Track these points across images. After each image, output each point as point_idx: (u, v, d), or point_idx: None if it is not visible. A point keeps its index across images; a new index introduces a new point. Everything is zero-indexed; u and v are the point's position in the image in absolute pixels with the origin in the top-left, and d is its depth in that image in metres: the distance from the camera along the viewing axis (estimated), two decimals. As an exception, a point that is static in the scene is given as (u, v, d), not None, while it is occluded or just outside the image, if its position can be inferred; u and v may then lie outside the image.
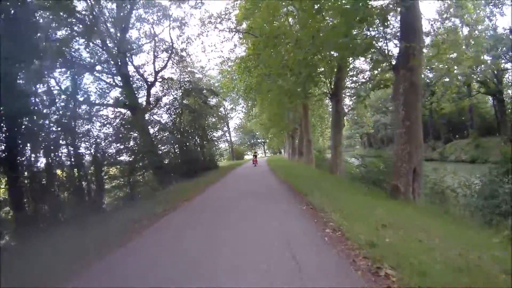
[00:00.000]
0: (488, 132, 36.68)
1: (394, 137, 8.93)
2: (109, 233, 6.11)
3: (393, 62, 8.81)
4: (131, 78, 19.03)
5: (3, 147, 9.42)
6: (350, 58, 12.60)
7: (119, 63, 17.09)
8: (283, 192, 9.33)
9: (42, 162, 10.96)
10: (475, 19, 20.42)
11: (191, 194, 10.86)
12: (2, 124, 9.27)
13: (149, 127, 18.86)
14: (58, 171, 11.69)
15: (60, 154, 11.72)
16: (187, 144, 21.65)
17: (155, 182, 16.73)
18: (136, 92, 19.35)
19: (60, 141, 11.89)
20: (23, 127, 10.03)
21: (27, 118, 9.97)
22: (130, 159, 14.28)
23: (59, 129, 11.85)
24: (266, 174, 17.25)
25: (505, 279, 2.82)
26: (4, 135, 9.42)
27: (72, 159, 12.12)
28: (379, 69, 11.17)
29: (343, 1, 9.23)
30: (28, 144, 10.17)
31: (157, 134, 19.33)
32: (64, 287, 3.81)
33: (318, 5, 9.96)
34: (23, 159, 10.03)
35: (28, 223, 8.77)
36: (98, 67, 16.75)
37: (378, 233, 4.15)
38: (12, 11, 9.29)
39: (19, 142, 9.72)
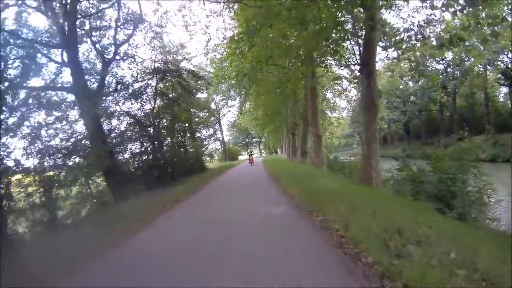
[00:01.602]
0: (504, 128, 32.66)
1: None
2: None
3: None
4: (85, 55, 14.53)
5: None
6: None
7: (66, 31, 12.46)
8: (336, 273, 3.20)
9: None
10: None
11: (121, 233, 5.97)
12: None
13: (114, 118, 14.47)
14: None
15: None
16: (163, 142, 16.92)
17: (110, 195, 12.02)
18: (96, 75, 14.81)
19: None
20: None
21: None
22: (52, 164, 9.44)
23: None
24: (265, 184, 11.89)
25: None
26: None
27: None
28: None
29: None
30: None
31: (119, 128, 14.70)
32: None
33: None
34: None
35: None
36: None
37: None
38: None
39: None
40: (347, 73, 15.76)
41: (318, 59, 12.96)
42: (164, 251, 4.81)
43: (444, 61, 36.65)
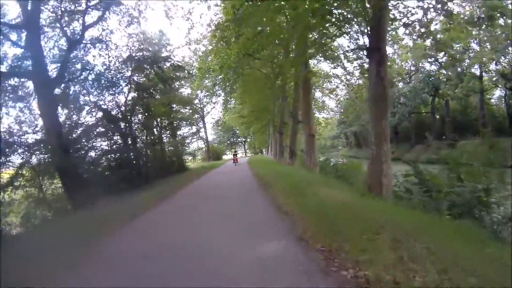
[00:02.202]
0: (499, 131, 31.79)
1: None
2: None
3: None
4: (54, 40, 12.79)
5: None
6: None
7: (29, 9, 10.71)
8: None
9: None
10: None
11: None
12: None
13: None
14: None
15: None
16: (136, 139, 15.05)
17: (70, 200, 10.09)
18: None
19: None
20: None
21: None
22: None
23: None
24: (252, 193, 9.23)
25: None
26: None
27: None
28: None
29: None
30: None
31: (87, 122, 12.92)
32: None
33: None
34: None
35: None
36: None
37: None
38: None
39: None
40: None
41: (316, 42, 11.45)
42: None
43: (436, 63, 35.59)
